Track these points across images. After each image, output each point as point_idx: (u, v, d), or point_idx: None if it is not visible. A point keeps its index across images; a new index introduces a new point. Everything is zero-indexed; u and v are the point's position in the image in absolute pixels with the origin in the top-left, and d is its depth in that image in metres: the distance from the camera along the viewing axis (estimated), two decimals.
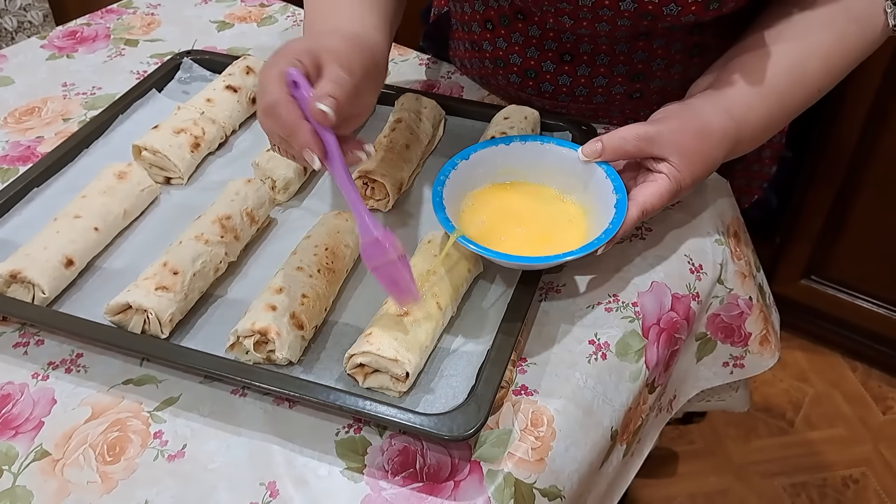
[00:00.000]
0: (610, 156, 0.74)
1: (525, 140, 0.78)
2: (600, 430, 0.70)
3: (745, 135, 0.79)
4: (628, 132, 0.74)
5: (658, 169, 0.74)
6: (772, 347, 0.91)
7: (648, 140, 0.73)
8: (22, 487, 0.62)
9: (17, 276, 0.72)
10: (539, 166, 0.79)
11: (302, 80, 0.64)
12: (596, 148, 0.74)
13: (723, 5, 0.77)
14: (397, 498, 0.61)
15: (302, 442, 0.65)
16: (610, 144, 0.74)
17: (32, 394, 0.69)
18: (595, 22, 0.81)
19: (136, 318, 0.69)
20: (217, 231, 0.75)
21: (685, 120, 0.75)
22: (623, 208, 0.71)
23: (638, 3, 0.77)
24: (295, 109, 0.63)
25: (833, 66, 0.81)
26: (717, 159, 0.77)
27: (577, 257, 0.69)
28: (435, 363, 0.68)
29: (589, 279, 0.78)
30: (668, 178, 0.73)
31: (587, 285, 0.78)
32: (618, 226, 0.70)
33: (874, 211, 1.62)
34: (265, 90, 0.64)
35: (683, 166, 0.73)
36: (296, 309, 0.68)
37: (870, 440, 1.73)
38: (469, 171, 0.77)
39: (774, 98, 0.79)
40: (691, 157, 0.74)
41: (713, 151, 0.76)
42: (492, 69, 0.98)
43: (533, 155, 0.78)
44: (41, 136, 0.97)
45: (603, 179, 0.74)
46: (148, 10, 1.25)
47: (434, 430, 0.61)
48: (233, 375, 0.65)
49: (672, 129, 0.74)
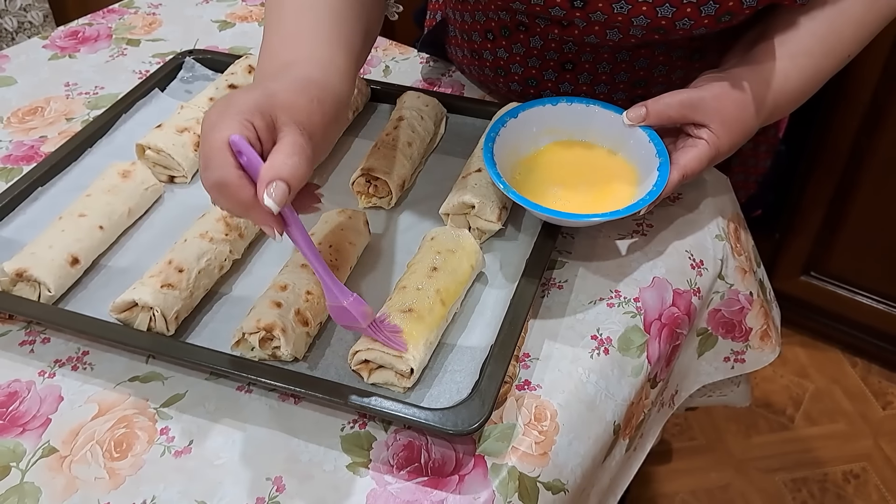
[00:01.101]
0: (654, 120, 0.77)
1: (571, 101, 0.81)
2: (603, 424, 0.70)
3: (781, 103, 0.80)
4: (672, 98, 0.76)
5: (698, 135, 0.76)
6: (772, 342, 0.92)
7: (692, 106, 0.76)
8: (30, 484, 0.63)
9: (22, 275, 0.72)
10: (585, 126, 0.82)
11: (248, 151, 0.56)
12: (640, 113, 0.77)
13: (735, 17, 0.77)
14: (402, 492, 0.62)
15: (307, 437, 0.65)
16: (654, 109, 0.77)
17: (39, 391, 0.69)
18: (605, 31, 0.81)
19: (141, 316, 0.70)
20: (221, 229, 0.76)
21: (726, 88, 0.77)
22: (666, 171, 0.74)
23: (651, 19, 0.78)
24: (247, 187, 0.56)
25: (863, 33, 0.82)
26: (753, 128, 0.79)
27: (623, 217, 0.72)
28: (439, 359, 0.69)
29: (590, 275, 0.79)
30: (707, 143, 0.76)
31: (589, 281, 0.78)
32: (661, 187, 0.73)
33: (873, 206, 1.63)
34: (211, 164, 0.56)
35: (723, 133, 0.76)
36: (300, 306, 0.69)
37: (870, 435, 1.73)
38: (518, 128, 0.80)
39: (810, 67, 0.81)
40: (731, 125, 0.76)
41: (751, 120, 0.78)
42: (492, 76, 0.99)
43: (579, 115, 0.81)
44: (44, 136, 0.98)
45: (646, 143, 0.77)
46: (149, 9, 1.26)
47: (439, 424, 0.61)
48: (239, 372, 0.66)
49: (714, 95, 0.76)
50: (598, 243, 0.82)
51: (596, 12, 0.78)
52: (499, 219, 0.79)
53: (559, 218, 0.73)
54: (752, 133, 0.79)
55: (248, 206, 0.57)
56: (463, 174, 0.83)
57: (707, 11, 0.76)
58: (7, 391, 0.69)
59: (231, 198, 0.57)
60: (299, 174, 0.56)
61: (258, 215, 0.57)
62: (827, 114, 1.56)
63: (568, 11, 0.79)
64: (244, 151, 0.56)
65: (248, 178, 0.57)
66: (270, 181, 0.55)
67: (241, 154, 0.56)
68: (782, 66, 0.79)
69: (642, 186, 0.76)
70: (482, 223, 0.79)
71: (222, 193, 0.57)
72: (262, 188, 0.55)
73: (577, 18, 0.80)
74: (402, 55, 1.14)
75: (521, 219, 0.83)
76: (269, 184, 0.55)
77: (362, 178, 0.84)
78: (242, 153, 0.56)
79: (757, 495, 1.63)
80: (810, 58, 0.80)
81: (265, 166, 0.56)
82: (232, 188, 0.56)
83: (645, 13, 0.77)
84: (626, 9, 0.77)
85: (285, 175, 0.55)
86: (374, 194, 0.84)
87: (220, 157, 0.56)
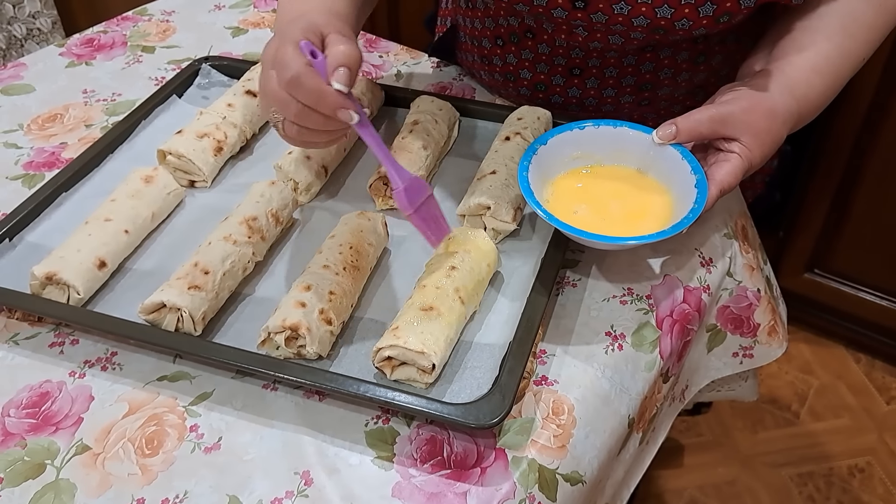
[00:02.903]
0: (685, 137, 0.77)
1: (598, 125, 0.81)
2: (618, 418, 0.72)
3: (805, 111, 0.81)
4: (702, 114, 0.76)
5: (730, 149, 0.76)
6: (779, 338, 0.94)
7: (721, 121, 0.75)
8: (65, 480, 0.65)
9: (52, 278, 0.75)
10: (614, 149, 0.81)
11: (317, 51, 0.67)
12: (671, 131, 0.76)
13: (733, 17, 0.79)
14: (427, 484, 0.64)
15: (333, 433, 0.67)
16: (685, 127, 0.76)
17: (70, 391, 0.71)
18: (608, 34, 0.83)
19: (169, 317, 0.72)
20: (244, 232, 0.78)
21: (754, 101, 0.77)
22: (704, 188, 0.74)
23: (651, 20, 0.79)
24: (317, 76, 0.65)
25: (874, 36, 0.83)
26: (782, 137, 0.79)
27: (667, 237, 0.72)
28: (459, 356, 0.71)
29: (603, 274, 0.81)
30: (740, 157, 0.76)
31: (602, 279, 0.81)
32: (703, 204, 0.73)
33: (875, 204, 1.64)
34: (285, 65, 0.65)
35: (755, 146, 0.76)
36: (324, 305, 0.71)
37: (874, 430, 1.75)
38: (547, 156, 0.79)
39: (831, 74, 0.82)
40: (761, 137, 0.76)
41: (780, 130, 0.78)
42: (502, 81, 1.01)
43: (607, 138, 0.81)
44: (65, 142, 1.00)
45: (679, 160, 0.77)
46: (163, 17, 1.28)
47: (461, 419, 0.63)
48: (266, 370, 0.68)
49: (743, 109, 0.76)
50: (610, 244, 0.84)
51: (597, 13, 0.80)
52: (514, 219, 0.81)
53: (606, 242, 0.73)
54: (780, 142, 0.79)
55: (321, 92, 0.65)
56: (478, 176, 0.85)
57: (705, 12, 0.78)
58: (39, 391, 0.71)
59: (304, 87, 0.65)
60: (354, 56, 0.66)
61: (332, 98, 0.65)
62: (829, 113, 1.57)
63: (570, 12, 0.81)
64: (314, 51, 0.66)
65: (315, 71, 0.66)
66: (335, 68, 0.65)
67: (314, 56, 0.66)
68: (805, 74, 0.80)
69: (678, 204, 0.76)
70: (498, 223, 0.81)
71: (298, 86, 0.65)
72: (330, 75, 0.65)
73: (579, 20, 0.82)
74: (413, 60, 1.16)
75: (535, 220, 0.85)
76: (335, 70, 0.65)
77: (379, 180, 0.86)
78: (315, 54, 0.66)
79: (764, 490, 1.65)
80: (830, 65, 0.81)
81: (328, 58, 0.66)
82: (304, 77, 0.65)
83: (644, 14, 0.79)
84: (625, 10, 0.79)
85: (343, 60, 0.65)
86: (390, 196, 0.86)
87: (292, 58, 0.65)
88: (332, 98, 0.65)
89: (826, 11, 0.81)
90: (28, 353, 0.74)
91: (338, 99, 0.65)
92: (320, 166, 0.88)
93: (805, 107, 0.80)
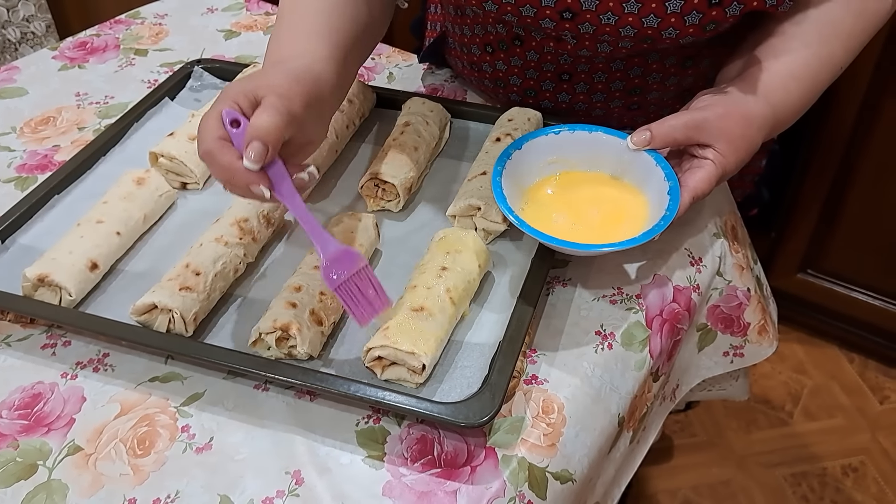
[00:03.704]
0: (659, 144, 0.76)
1: (573, 129, 0.81)
2: (608, 416, 0.73)
3: (782, 117, 0.81)
4: (677, 121, 0.76)
5: (704, 155, 0.76)
6: (770, 337, 0.94)
7: (696, 128, 0.75)
8: (57, 481, 0.65)
9: (44, 280, 0.75)
10: (589, 154, 0.81)
11: (241, 118, 0.64)
12: (645, 137, 0.76)
13: (719, 26, 0.79)
14: (417, 483, 0.64)
15: (324, 433, 0.68)
16: (659, 133, 0.76)
17: (62, 392, 0.71)
18: (597, 43, 0.84)
19: (161, 318, 0.72)
20: (236, 233, 0.78)
21: (729, 107, 0.77)
22: (677, 194, 0.74)
23: (638, 29, 0.80)
24: (228, 151, 0.63)
25: (854, 44, 0.83)
26: (757, 143, 0.79)
27: (639, 244, 0.72)
28: (449, 355, 0.71)
29: (593, 273, 0.81)
30: (714, 163, 0.75)
31: (592, 279, 0.81)
32: (675, 211, 0.73)
33: (867, 204, 1.65)
34: (201, 137, 0.64)
35: (729, 152, 0.76)
36: (314, 306, 0.71)
37: (868, 429, 1.76)
38: (522, 160, 0.79)
39: (808, 80, 0.82)
40: (736, 143, 0.76)
41: (755, 136, 0.78)
42: (492, 87, 1.01)
43: (582, 143, 0.81)
44: (57, 145, 1.00)
45: (653, 167, 0.77)
46: (155, 20, 1.28)
47: (451, 417, 0.64)
48: (257, 370, 0.68)
49: (718, 115, 0.76)
50: None
51: (584, 24, 0.80)
52: (504, 220, 0.81)
53: (575, 249, 0.73)
54: (756, 148, 0.79)
55: (231, 170, 0.63)
56: (468, 177, 0.85)
57: (691, 21, 0.78)
58: (31, 392, 0.71)
59: (216, 163, 0.64)
60: (273, 128, 0.62)
61: (242, 176, 0.63)
62: (821, 113, 1.58)
63: (558, 23, 0.81)
64: (238, 119, 0.64)
65: (229, 145, 0.64)
66: (248, 143, 0.62)
67: (237, 124, 0.64)
68: (781, 80, 0.80)
69: (652, 210, 0.76)
70: (488, 224, 0.81)
71: (211, 161, 0.64)
72: (244, 150, 0.62)
73: (567, 30, 0.82)
74: (405, 62, 1.16)
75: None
76: (248, 145, 0.62)
77: (370, 181, 0.87)
78: (238, 122, 0.64)
79: (758, 490, 1.65)
80: (808, 69, 0.81)
81: (246, 131, 0.63)
82: (215, 154, 0.63)
83: (631, 24, 0.79)
84: (613, 20, 0.79)
85: (261, 134, 0.62)
86: (382, 197, 0.87)
87: (207, 132, 0.64)
88: (240, 175, 0.63)
89: (804, 18, 0.81)
90: (20, 355, 0.75)
91: (247, 176, 0.63)
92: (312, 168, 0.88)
93: (782, 112, 0.80)
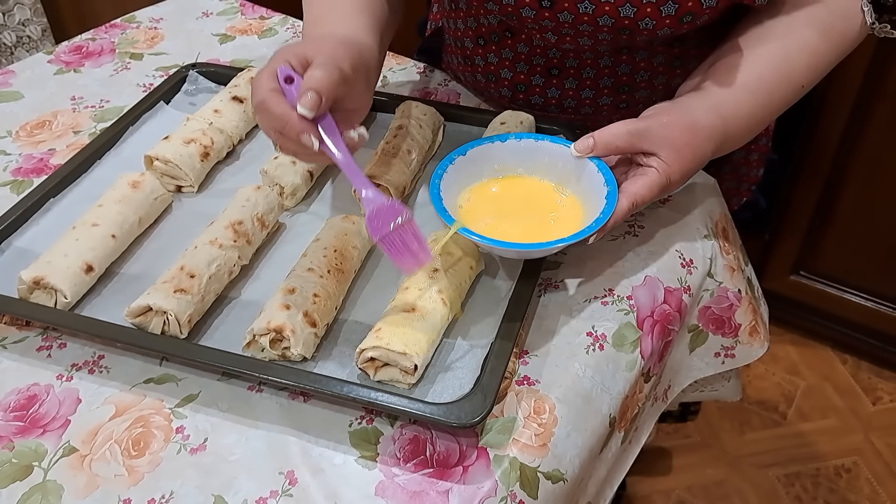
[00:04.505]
0: (601, 151, 0.77)
1: (520, 138, 0.81)
2: (599, 417, 0.74)
3: (734, 131, 0.81)
4: (619, 128, 0.76)
5: (648, 163, 0.76)
6: (761, 338, 0.95)
7: (639, 135, 0.76)
8: (52, 482, 0.65)
9: (40, 283, 0.75)
10: (533, 162, 0.81)
11: (294, 75, 0.70)
12: (588, 143, 0.76)
13: (696, 18, 0.80)
14: (410, 483, 0.65)
15: (317, 433, 0.68)
16: (601, 140, 0.76)
17: (58, 394, 0.72)
18: (577, 37, 0.85)
19: (155, 320, 0.73)
20: (230, 236, 0.79)
21: (674, 116, 0.78)
22: (613, 199, 0.74)
23: (615, 19, 0.81)
24: (282, 102, 0.68)
25: (817, 63, 0.84)
26: (705, 154, 0.79)
27: (568, 244, 0.72)
28: (441, 356, 0.72)
29: (585, 275, 0.82)
30: (657, 171, 0.76)
31: (583, 281, 0.82)
32: (608, 215, 0.73)
33: (859, 206, 1.67)
34: (255, 91, 0.70)
35: (673, 160, 0.76)
36: (308, 308, 0.72)
37: (861, 430, 1.77)
38: (466, 167, 0.80)
39: (763, 95, 0.82)
40: (681, 152, 0.76)
41: (702, 146, 0.78)
42: (483, 83, 1.02)
43: (527, 151, 0.81)
44: (53, 149, 1.01)
45: (594, 173, 0.77)
46: (151, 24, 1.29)
47: (443, 418, 0.64)
48: (251, 371, 0.69)
49: (662, 124, 0.76)
50: (591, 245, 0.85)
51: (563, 12, 0.81)
52: None
53: (505, 248, 0.73)
54: (705, 160, 0.79)
55: (284, 118, 0.68)
56: None
57: (667, 11, 0.79)
58: (27, 394, 0.72)
59: (270, 112, 0.68)
60: (327, 81, 0.68)
61: (294, 124, 0.68)
62: (812, 118, 1.60)
63: (537, 12, 0.82)
64: (289, 75, 0.69)
65: (282, 96, 0.69)
66: (303, 92, 0.67)
67: (289, 81, 0.69)
68: (734, 93, 0.81)
69: (587, 216, 0.76)
70: None
71: (263, 110, 0.69)
72: (298, 99, 0.67)
73: (547, 19, 0.83)
74: (398, 65, 1.17)
75: None
76: (303, 94, 0.67)
77: None
78: (291, 79, 0.69)
79: (751, 490, 1.66)
80: (762, 86, 0.82)
81: (301, 84, 0.68)
82: (269, 102, 0.68)
83: (608, 13, 0.80)
84: (590, 9, 0.80)
85: (314, 84, 0.67)
86: None
87: (262, 83, 0.69)
88: (293, 124, 0.68)
89: (770, 35, 0.82)
90: (16, 357, 0.75)
91: (299, 125, 0.68)
92: (306, 171, 0.89)
93: (733, 125, 0.81)
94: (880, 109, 1.52)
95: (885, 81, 1.48)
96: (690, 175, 0.79)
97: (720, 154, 0.82)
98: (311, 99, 0.67)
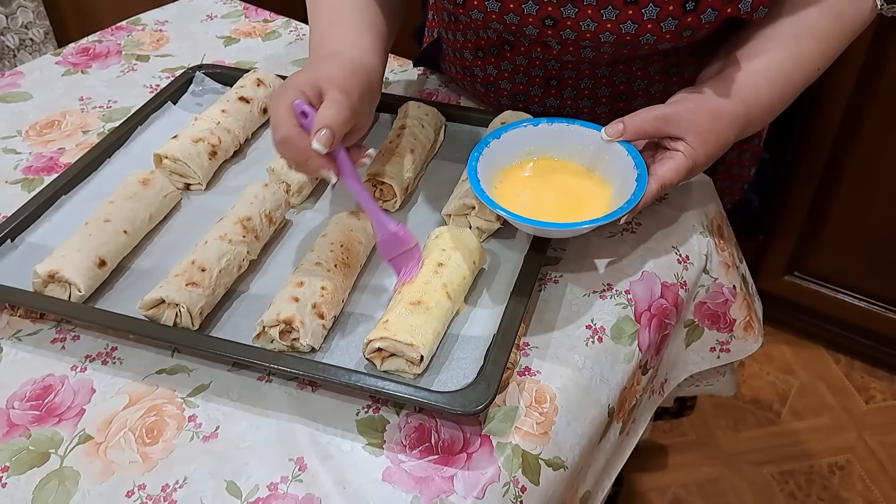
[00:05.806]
0: (631, 135, 0.80)
1: (552, 122, 0.85)
2: (598, 407, 0.76)
3: (754, 115, 0.84)
4: (648, 113, 0.80)
5: (675, 147, 0.80)
6: (755, 333, 0.97)
7: (666, 120, 0.79)
8: (69, 468, 0.67)
9: (54, 276, 0.77)
10: (565, 145, 0.85)
11: (309, 110, 0.74)
12: (618, 128, 0.80)
13: (696, 32, 0.83)
14: (416, 469, 0.67)
15: (325, 422, 0.70)
16: (631, 124, 0.80)
17: (72, 384, 0.74)
18: (580, 49, 0.87)
19: (168, 312, 0.75)
20: (239, 231, 0.81)
21: (700, 102, 0.81)
22: (643, 182, 0.77)
23: (617, 35, 0.83)
24: (304, 138, 0.72)
25: (830, 47, 0.86)
26: (729, 139, 0.82)
27: (602, 224, 0.75)
28: (446, 348, 0.74)
29: (584, 270, 0.85)
30: (684, 154, 0.79)
31: (583, 276, 0.84)
32: (639, 197, 0.76)
33: (852, 208, 1.69)
34: (277, 125, 0.73)
35: (699, 144, 0.79)
36: (316, 300, 0.74)
37: (854, 428, 1.79)
38: (501, 149, 0.83)
39: (781, 80, 0.85)
40: (706, 137, 0.79)
41: (725, 131, 0.81)
42: (483, 92, 1.05)
43: (559, 135, 0.85)
44: (62, 148, 1.03)
45: (624, 157, 0.80)
46: (156, 26, 1.31)
47: (447, 406, 0.66)
48: (262, 361, 0.71)
49: (688, 109, 0.80)
50: (590, 241, 0.88)
51: (566, 30, 0.84)
52: (498, 218, 0.84)
53: (541, 227, 0.76)
54: (728, 144, 0.83)
55: (306, 154, 0.72)
56: (463, 178, 0.88)
57: (667, 27, 0.82)
58: (42, 385, 0.74)
59: (292, 148, 0.73)
60: (339, 119, 0.72)
61: (315, 161, 0.73)
62: (806, 119, 1.62)
63: (541, 30, 0.85)
64: (305, 111, 0.73)
65: (304, 132, 0.73)
66: (318, 130, 0.71)
67: (304, 115, 0.73)
68: (753, 80, 0.83)
69: (617, 198, 0.79)
70: (482, 223, 0.84)
71: (286, 146, 0.73)
72: (312, 136, 0.71)
73: (550, 37, 0.86)
74: (400, 67, 1.20)
75: None
76: (317, 132, 0.71)
77: (369, 182, 0.89)
78: (306, 114, 0.73)
79: (746, 488, 1.68)
80: (780, 72, 0.84)
81: (314, 119, 0.72)
82: (293, 140, 0.72)
83: (610, 30, 0.83)
84: (592, 27, 0.83)
85: (327, 122, 0.71)
86: (380, 198, 0.90)
87: (284, 119, 0.73)
88: (314, 161, 0.73)
89: (781, 22, 0.85)
90: (31, 349, 0.77)
91: (318, 161, 0.73)
92: None
93: (754, 111, 0.84)
94: (874, 110, 1.54)
95: (879, 81, 1.50)
96: (714, 159, 0.82)
97: (742, 137, 0.85)
98: (325, 136, 0.71)
